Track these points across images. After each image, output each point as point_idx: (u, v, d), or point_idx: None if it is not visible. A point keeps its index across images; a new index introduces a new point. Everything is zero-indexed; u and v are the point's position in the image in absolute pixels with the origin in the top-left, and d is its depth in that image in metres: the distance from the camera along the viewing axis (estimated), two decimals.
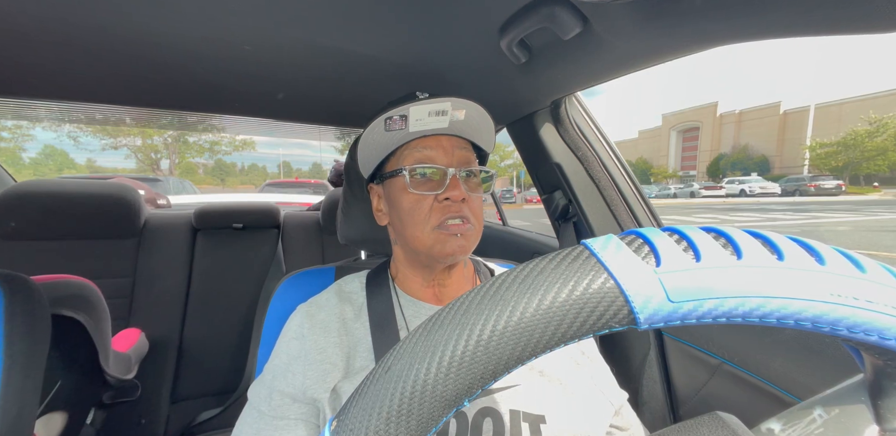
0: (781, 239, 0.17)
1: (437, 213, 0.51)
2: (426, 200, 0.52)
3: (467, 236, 0.51)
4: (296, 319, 0.54)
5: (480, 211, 0.54)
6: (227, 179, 50.86)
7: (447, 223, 0.51)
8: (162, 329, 1.45)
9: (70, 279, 0.81)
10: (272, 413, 0.47)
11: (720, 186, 30.14)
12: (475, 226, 0.53)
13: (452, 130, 0.54)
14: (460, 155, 0.54)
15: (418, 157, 0.53)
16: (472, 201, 0.53)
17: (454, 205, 0.51)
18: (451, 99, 0.50)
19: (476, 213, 0.53)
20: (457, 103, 0.50)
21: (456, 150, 0.54)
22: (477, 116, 0.53)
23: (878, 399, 0.18)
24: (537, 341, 0.16)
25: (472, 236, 0.52)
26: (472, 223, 0.52)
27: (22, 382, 0.56)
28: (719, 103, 59.18)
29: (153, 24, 0.65)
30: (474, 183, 0.54)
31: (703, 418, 0.19)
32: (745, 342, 0.66)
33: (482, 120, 0.54)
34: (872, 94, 46.30)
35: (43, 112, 1.44)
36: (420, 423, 0.16)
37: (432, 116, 0.51)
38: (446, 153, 0.53)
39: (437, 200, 0.51)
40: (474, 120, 0.53)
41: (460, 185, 0.51)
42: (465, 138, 0.57)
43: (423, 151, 0.53)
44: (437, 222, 0.51)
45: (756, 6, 0.41)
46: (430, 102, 0.50)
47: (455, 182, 0.51)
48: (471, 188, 0.53)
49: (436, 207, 0.51)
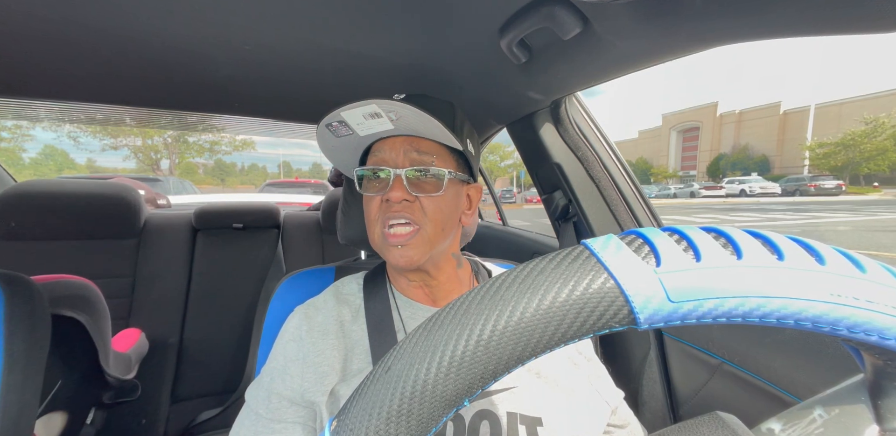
0: (781, 239, 0.17)
1: (383, 213, 0.52)
2: (374, 200, 0.53)
3: (409, 245, 0.51)
4: (293, 321, 0.54)
5: (437, 211, 0.52)
6: (227, 179, 50.87)
7: (392, 230, 0.51)
8: (162, 329, 1.45)
9: (70, 279, 0.81)
10: (269, 416, 0.47)
11: (720, 186, 30.13)
12: (426, 227, 0.51)
13: (401, 130, 0.53)
14: (412, 157, 0.53)
15: (374, 160, 0.55)
16: (425, 201, 0.52)
17: (395, 205, 0.51)
18: (374, 101, 0.49)
19: (431, 213, 0.52)
20: (384, 105, 0.49)
21: (408, 151, 0.53)
22: (412, 115, 0.50)
23: (878, 399, 0.18)
24: (538, 341, 0.16)
25: (418, 243, 0.51)
26: (423, 225, 0.51)
27: (22, 382, 0.56)
28: (719, 103, 59.16)
29: (153, 24, 0.65)
30: (428, 183, 0.52)
31: (703, 418, 0.19)
32: (745, 342, 0.66)
33: (419, 118, 0.50)
34: (872, 95, 46.30)
35: (43, 112, 1.44)
36: (420, 423, 0.16)
37: (369, 118, 0.51)
38: (396, 154, 0.53)
39: (383, 201, 0.52)
40: (411, 119, 0.51)
41: (402, 185, 0.51)
42: (425, 137, 0.54)
43: (377, 153, 0.54)
44: (383, 224, 0.52)
45: (756, 6, 0.41)
46: (356, 106, 0.49)
47: (397, 183, 0.51)
48: (422, 189, 0.52)
49: (382, 207, 0.52)
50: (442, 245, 0.54)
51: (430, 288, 0.57)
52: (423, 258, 0.51)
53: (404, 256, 0.50)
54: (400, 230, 0.51)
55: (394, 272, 0.59)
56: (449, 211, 0.54)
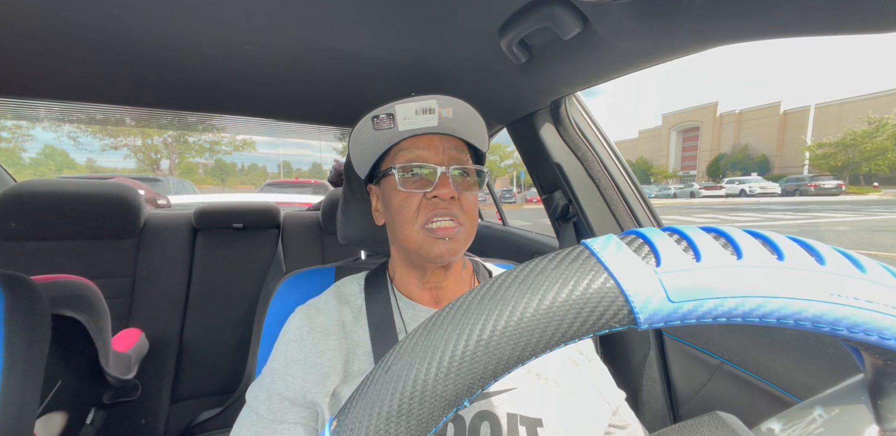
0: (781, 239, 0.17)
1: (426, 210, 0.51)
2: (415, 197, 0.52)
3: (456, 239, 0.51)
4: (294, 321, 0.54)
5: (473, 210, 0.54)
6: (227, 179, 50.84)
7: (435, 224, 0.51)
8: (162, 329, 1.45)
9: (70, 279, 0.81)
10: (270, 416, 0.47)
11: (720, 186, 30.11)
12: (466, 226, 0.52)
13: (443, 128, 0.53)
14: (452, 154, 0.53)
15: (410, 156, 0.53)
16: (464, 200, 0.52)
17: (442, 202, 0.51)
18: (436, 96, 0.49)
19: (469, 212, 0.53)
20: (443, 101, 0.50)
21: (447, 149, 0.54)
22: (466, 114, 0.52)
23: (878, 399, 0.18)
24: (537, 341, 0.16)
25: (462, 238, 0.52)
26: (463, 223, 0.52)
27: (22, 382, 0.56)
28: (719, 103, 59.23)
29: (153, 24, 0.65)
30: (467, 182, 0.54)
31: (703, 418, 0.19)
32: (745, 342, 0.66)
33: (471, 117, 0.53)
34: (872, 94, 46.30)
35: (43, 112, 1.44)
36: (420, 423, 0.16)
37: (419, 114, 0.51)
38: (437, 152, 0.53)
39: (425, 198, 0.51)
40: (463, 118, 0.53)
41: (450, 183, 0.51)
42: (458, 137, 0.56)
43: (414, 150, 0.53)
44: (425, 220, 0.51)
45: (756, 6, 0.41)
46: (415, 100, 0.50)
47: (444, 180, 0.51)
48: (463, 187, 0.53)
49: (424, 204, 0.51)
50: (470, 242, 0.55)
51: (440, 289, 0.57)
52: (461, 253, 0.52)
53: (450, 248, 0.50)
54: (447, 224, 0.51)
55: (402, 272, 0.58)
56: (476, 210, 0.55)
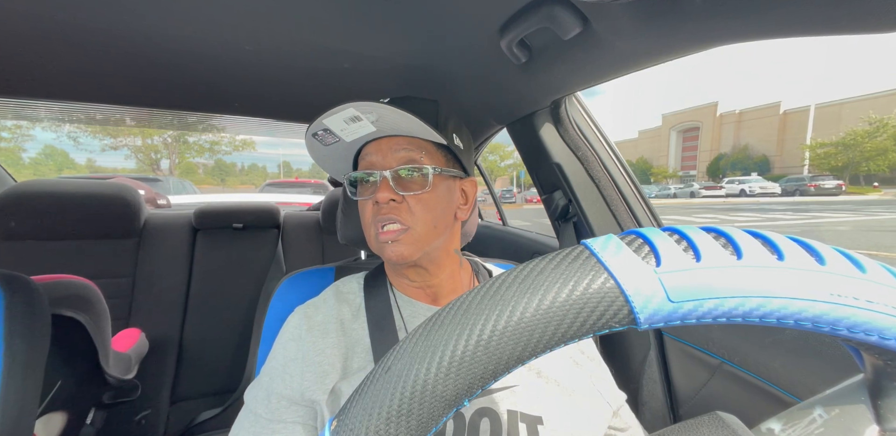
0: (781, 239, 0.17)
1: (375, 216, 0.52)
2: (367, 204, 0.53)
3: (401, 241, 0.50)
4: (293, 320, 0.54)
5: (426, 209, 0.52)
6: (227, 179, 50.86)
7: (381, 229, 0.51)
8: (162, 329, 1.45)
9: (70, 279, 0.81)
10: (269, 416, 0.47)
11: (720, 186, 30.11)
12: (416, 227, 0.51)
13: (386, 131, 0.53)
14: (402, 155, 0.53)
15: (363, 164, 0.55)
16: (411, 200, 0.52)
17: (385, 207, 0.51)
18: (353, 103, 0.49)
19: (419, 212, 0.51)
20: (362, 107, 0.49)
21: (396, 151, 0.53)
22: (391, 115, 0.50)
23: (878, 399, 0.18)
24: (537, 341, 0.16)
25: (410, 240, 0.51)
26: (412, 224, 0.51)
27: (22, 382, 0.56)
28: (719, 103, 59.16)
29: (154, 25, 0.65)
30: (414, 181, 0.52)
31: (703, 418, 0.19)
32: (745, 342, 0.66)
33: (399, 117, 0.50)
34: (872, 94, 46.29)
35: (43, 112, 1.44)
36: (420, 423, 0.16)
37: (350, 123, 0.51)
38: (384, 156, 0.53)
39: (373, 204, 0.52)
40: (391, 119, 0.50)
41: (388, 186, 0.51)
42: (411, 136, 0.54)
43: (366, 157, 0.55)
44: (377, 226, 0.52)
45: (756, 6, 0.41)
46: (335, 112, 0.50)
47: (384, 184, 0.51)
48: (409, 188, 0.52)
49: (374, 210, 0.52)
50: (436, 242, 0.53)
51: (431, 288, 0.57)
52: (416, 254, 0.51)
53: (395, 251, 0.50)
54: (390, 227, 0.51)
55: (394, 273, 0.58)
56: (441, 208, 0.53)
